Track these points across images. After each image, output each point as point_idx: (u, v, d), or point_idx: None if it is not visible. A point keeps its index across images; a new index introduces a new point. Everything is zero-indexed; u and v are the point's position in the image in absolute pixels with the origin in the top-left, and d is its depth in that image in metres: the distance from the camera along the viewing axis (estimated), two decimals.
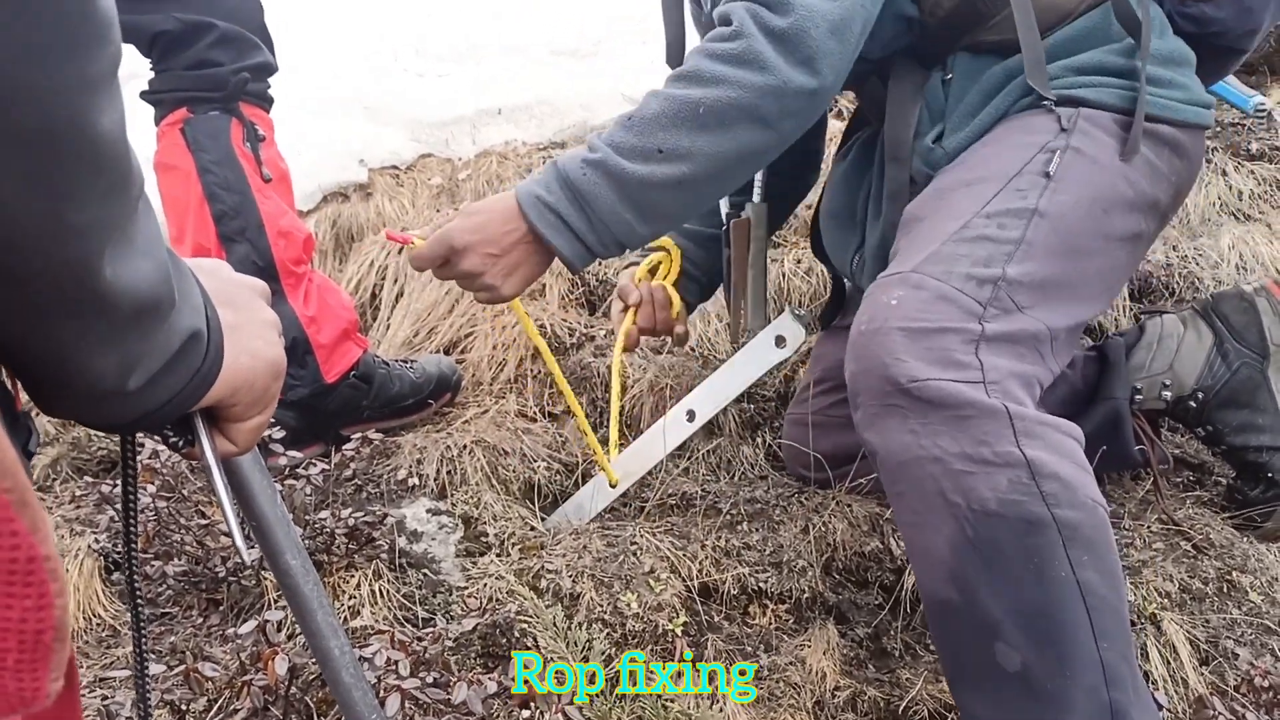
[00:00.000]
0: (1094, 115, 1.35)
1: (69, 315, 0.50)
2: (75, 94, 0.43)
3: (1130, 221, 1.35)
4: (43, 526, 0.36)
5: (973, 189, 1.30)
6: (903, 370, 1.12)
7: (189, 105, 1.78)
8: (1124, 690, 1.06)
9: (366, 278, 2.40)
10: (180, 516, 1.45)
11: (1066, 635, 1.06)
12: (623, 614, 1.48)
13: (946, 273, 1.19)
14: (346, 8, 3.18)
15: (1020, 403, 1.14)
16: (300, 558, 0.84)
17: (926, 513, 1.12)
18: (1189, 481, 1.86)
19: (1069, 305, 1.27)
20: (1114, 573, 1.11)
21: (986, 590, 1.09)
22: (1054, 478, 1.09)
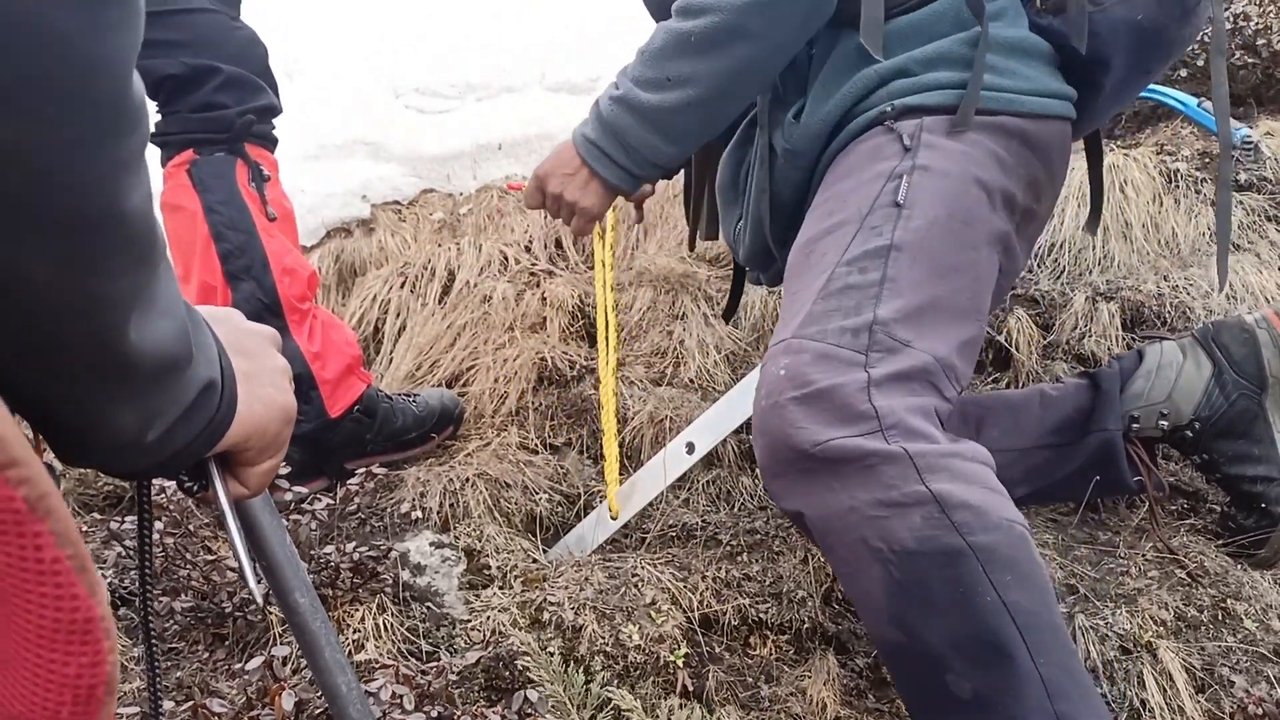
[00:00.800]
0: (935, 123, 1.36)
1: (94, 378, 0.51)
2: (110, 180, 0.45)
3: (994, 222, 1.35)
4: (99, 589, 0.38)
5: (833, 236, 1.33)
6: (804, 437, 1.16)
7: (195, 147, 1.81)
8: (1068, 700, 1.08)
9: (369, 312, 2.43)
10: (187, 552, 1.47)
11: (1004, 656, 1.08)
12: (624, 646, 1.50)
13: (821, 331, 1.22)
14: (348, 48, 3.23)
15: (924, 437, 1.16)
16: (309, 595, 0.86)
17: (856, 562, 1.15)
18: (1184, 509, 1.88)
19: (951, 327, 1.27)
20: (1040, 587, 1.13)
21: (924, 626, 1.12)
22: (963, 506, 1.11)
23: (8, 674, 0.39)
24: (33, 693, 0.39)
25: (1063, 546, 1.75)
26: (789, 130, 1.49)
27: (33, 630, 0.37)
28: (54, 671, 0.38)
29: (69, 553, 0.37)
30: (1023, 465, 1.70)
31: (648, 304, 2.35)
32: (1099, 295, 2.19)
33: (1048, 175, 1.45)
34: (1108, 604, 1.60)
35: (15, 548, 0.36)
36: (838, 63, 1.45)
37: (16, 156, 0.41)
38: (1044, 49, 1.44)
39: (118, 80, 0.45)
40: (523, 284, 2.38)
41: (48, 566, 0.37)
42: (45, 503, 0.37)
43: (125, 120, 0.46)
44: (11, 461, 0.35)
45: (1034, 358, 2.12)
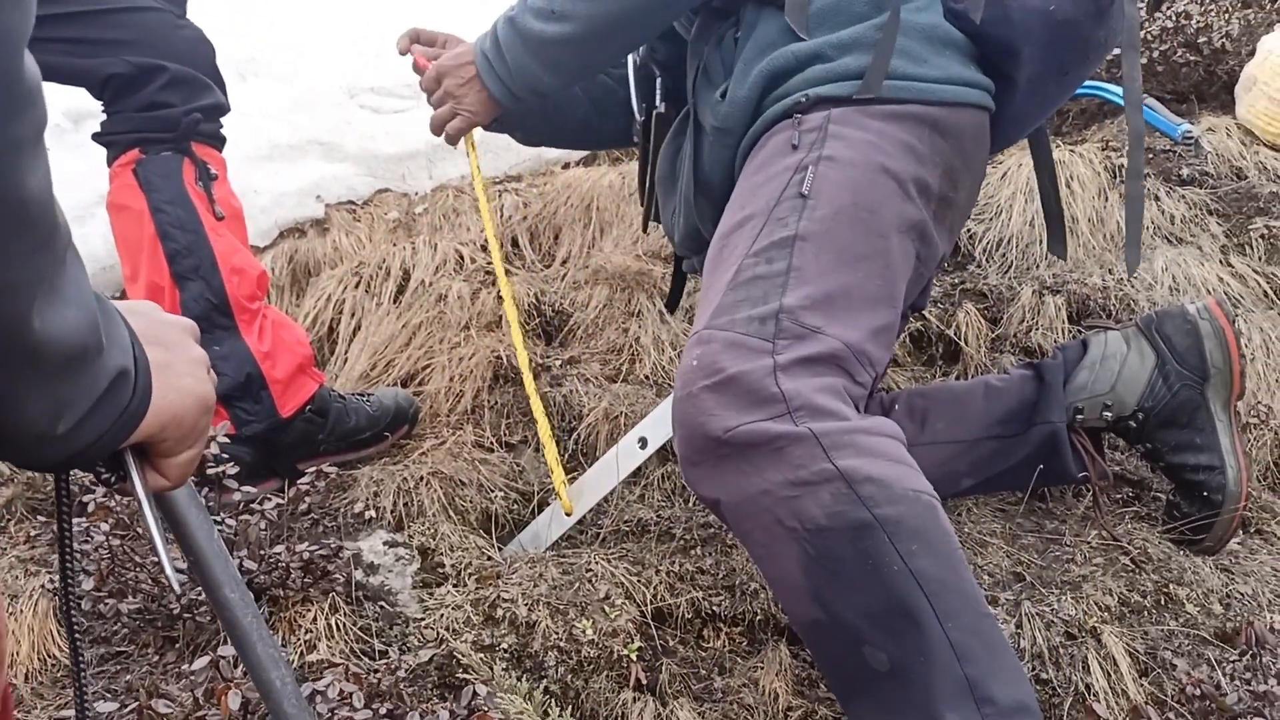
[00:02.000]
0: (844, 114, 1.37)
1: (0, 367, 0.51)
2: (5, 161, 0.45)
3: (906, 210, 1.36)
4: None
5: (743, 230, 1.35)
6: (716, 424, 1.18)
7: (141, 146, 1.79)
8: (976, 664, 1.11)
9: (324, 312, 2.42)
10: (135, 554, 1.45)
11: (914, 623, 1.12)
12: (578, 641, 1.51)
13: (730, 321, 1.25)
14: (302, 48, 3.20)
15: (831, 415, 1.18)
16: (239, 590, 0.85)
17: (772, 543, 1.18)
18: (1128, 497, 1.92)
19: (862, 313, 1.29)
20: (948, 553, 1.16)
21: (840, 601, 1.15)
22: (868, 480, 1.14)
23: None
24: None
25: (1009, 535, 1.78)
26: (717, 108, 1.50)
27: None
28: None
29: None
30: (969, 457, 1.73)
31: (603, 301, 2.36)
32: (1046, 289, 2.22)
33: (964, 163, 1.46)
34: (1053, 590, 1.63)
35: None
36: (760, 42, 1.46)
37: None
38: (957, 38, 1.44)
39: (7, 57, 0.44)
40: (478, 283, 2.38)
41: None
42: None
43: (17, 98, 0.45)
44: None
45: (982, 351, 2.15)
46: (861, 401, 1.29)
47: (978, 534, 1.76)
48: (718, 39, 1.56)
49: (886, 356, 1.36)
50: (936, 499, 1.20)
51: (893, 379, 2.10)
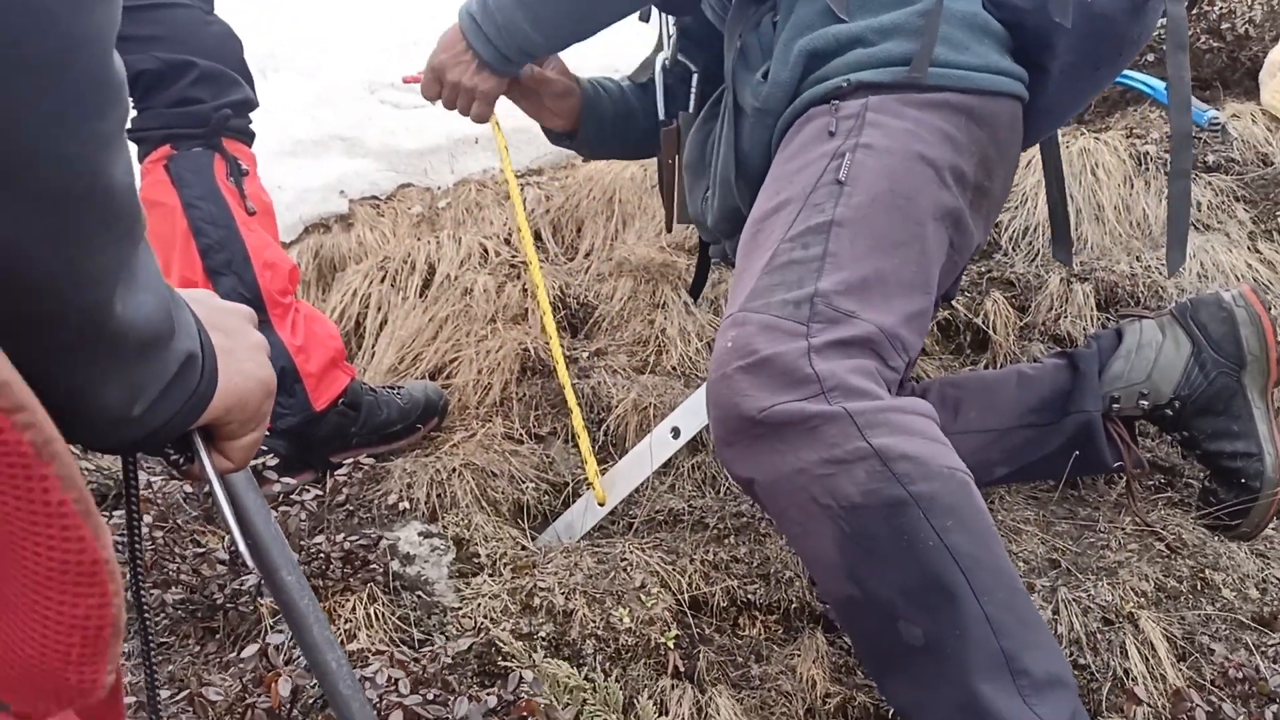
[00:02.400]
0: (883, 102, 1.37)
1: (84, 352, 0.52)
2: (93, 153, 0.46)
3: (942, 198, 1.36)
4: (104, 533, 0.39)
5: (779, 215, 1.35)
6: (751, 404, 1.19)
7: (172, 142, 1.81)
8: (1012, 638, 1.12)
9: (350, 306, 2.43)
10: (176, 546, 1.47)
11: (950, 598, 1.13)
12: (615, 629, 1.51)
13: (765, 304, 1.25)
14: (323, 44, 3.22)
15: (864, 395, 1.19)
16: (295, 574, 0.86)
17: (807, 522, 1.19)
18: (1161, 484, 1.91)
19: (898, 299, 1.29)
20: (982, 530, 1.17)
21: (874, 578, 1.16)
22: (903, 458, 1.15)
23: (18, 618, 0.40)
24: (44, 635, 0.39)
25: (1044, 522, 1.78)
26: (758, 89, 1.50)
27: (41, 573, 0.38)
28: (63, 613, 0.39)
29: (74, 496, 0.38)
30: (1002, 446, 1.72)
31: (628, 293, 2.36)
32: (1073, 277, 2.22)
33: (998, 153, 1.46)
34: (1089, 576, 1.62)
35: (24, 491, 0.36)
36: (800, 23, 1.46)
37: (4, 130, 0.42)
38: (995, 27, 1.45)
39: (98, 55, 0.45)
40: (503, 276, 2.39)
41: (55, 509, 0.37)
42: (51, 447, 0.37)
43: (106, 95, 0.47)
44: (18, 406, 0.36)
45: (1011, 339, 2.15)
46: (894, 386, 1.29)
47: (1011, 521, 1.76)
48: (755, 23, 1.56)
49: (919, 342, 1.36)
50: (970, 476, 1.20)
51: (921, 368, 2.10)
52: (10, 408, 0.36)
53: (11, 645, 0.40)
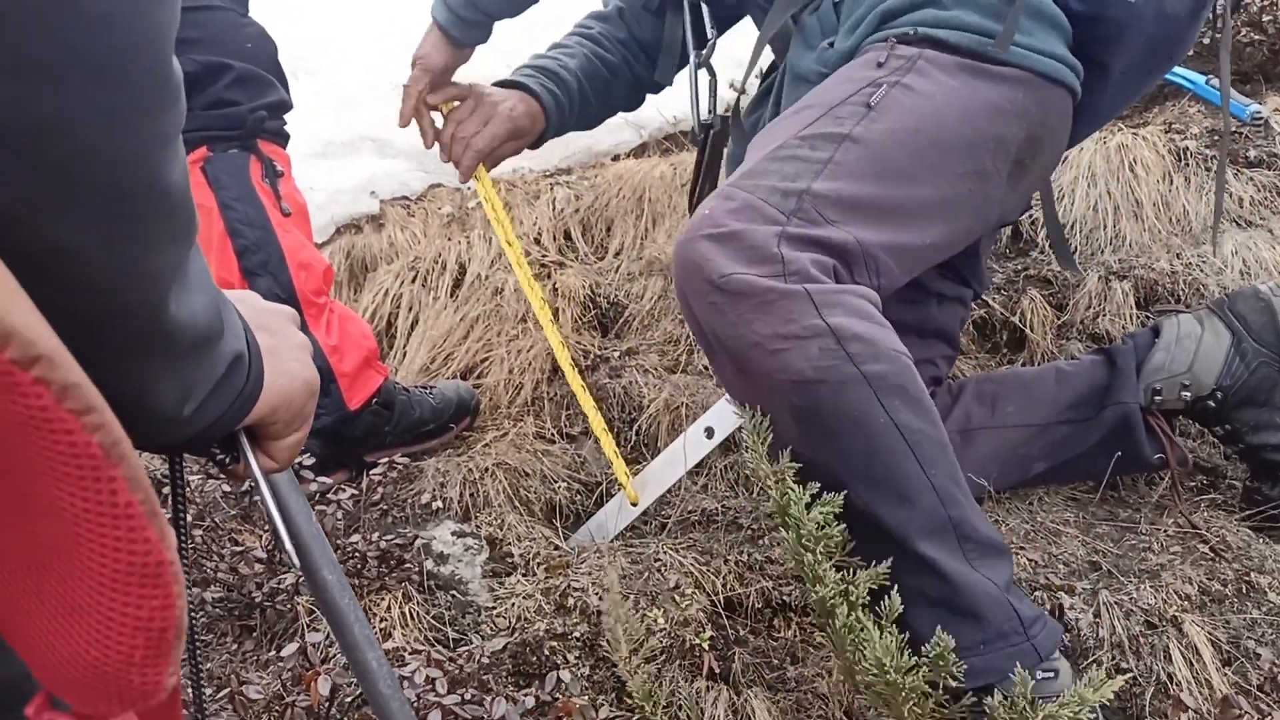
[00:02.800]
0: (939, 58, 1.40)
1: (137, 352, 0.53)
2: (152, 152, 0.46)
3: (967, 159, 1.39)
4: (168, 534, 0.39)
5: (799, 115, 1.38)
6: (712, 268, 1.22)
7: (208, 144, 1.82)
8: (959, 507, 1.20)
9: (382, 306, 2.44)
10: (213, 545, 1.48)
11: (896, 471, 1.19)
12: (650, 630, 1.50)
13: (755, 185, 1.28)
14: (352, 45, 3.23)
15: (819, 281, 1.22)
16: (336, 573, 0.86)
17: (765, 393, 1.23)
18: (1203, 485, 1.88)
19: (889, 226, 1.32)
20: (927, 410, 1.23)
21: (825, 451, 1.21)
22: (856, 338, 1.19)
23: (83, 620, 0.40)
24: (107, 637, 0.39)
25: (1084, 524, 1.75)
26: (824, 55, 1.52)
27: (107, 575, 0.38)
28: (128, 615, 0.39)
29: (140, 498, 0.38)
30: (1040, 441, 1.71)
31: (659, 292, 2.36)
32: (1112, 274, 2.18)
33: (1047, 135, 1.48)
34: (1131, 579, 1.60)
35: (92, 492, 0.36)
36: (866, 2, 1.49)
37: (62, 129, 0.42)
38: (1061, 20, 1.47)
39: (158, 55, 0.46)
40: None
41: (121, 511, 0.37)
42: (119, 449, 0.37)
43: (166, 95, 0.47)
44: (88, 408, 0.36)
45: (1049, 338, 2.12)
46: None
47: (1051, 523, 1.74)
48: (814, 7, 1.58)
49: (900, 276, 1.38)
50: (911, 359, 1.25)
51: (958, 368, 2.07)
52: (80, 409, 0.36)
53: (77, 648, 0.40)
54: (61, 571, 0.39)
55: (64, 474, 0.36)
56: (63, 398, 0.35)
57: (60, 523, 0.38)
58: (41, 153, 0.42)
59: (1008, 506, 1.78)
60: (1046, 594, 1.55)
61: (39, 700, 0.44)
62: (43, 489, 0.37)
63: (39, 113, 0.40)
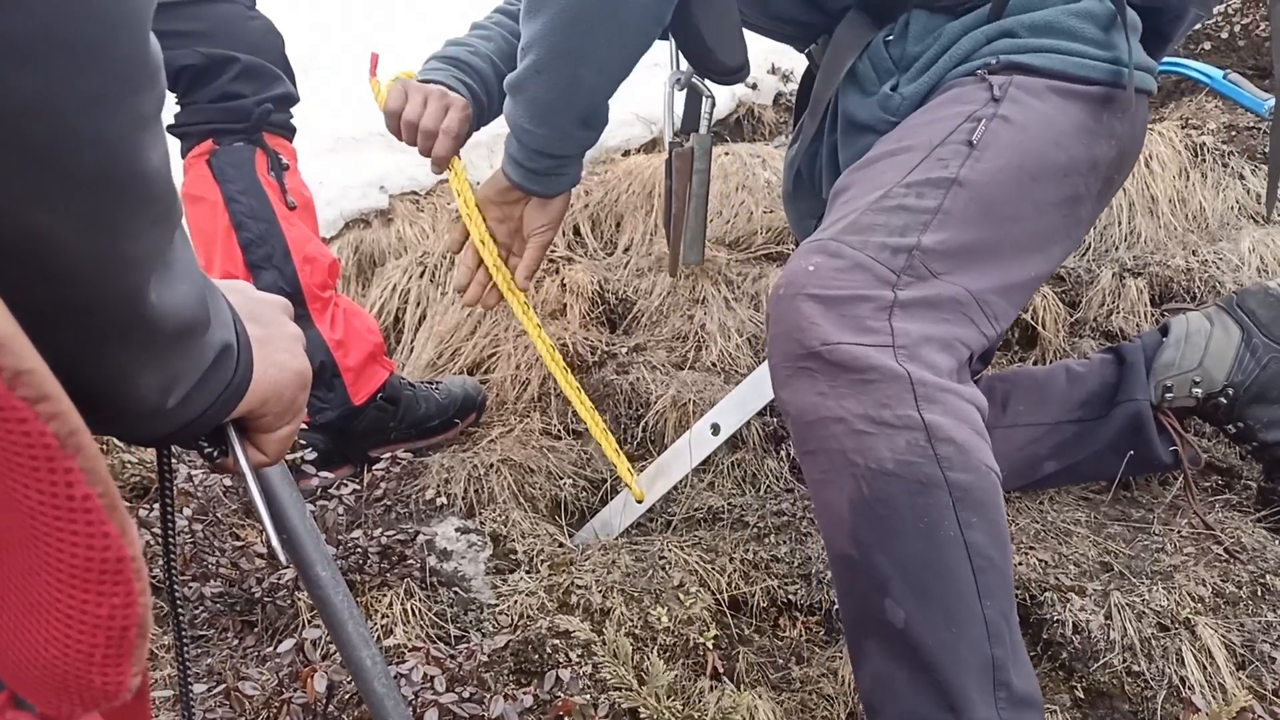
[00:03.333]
0: (1028, 83, 1.35)
1: (118, 341, 0.51)
2: (131, 135, 0.45)
3: (1064, 186, 1.35)
4: (130, 529, 0.37)
5: (897, 158, 1.32)
6: (815, 334, 1.15)
7: (214, 137, 1.81)
8: (1004, 647, 1.10)
9: (390, 302, 2.43)
10: (214, 539, 1.47)
11: (951, 591, 1.10)
12: (653, 628, 1.49)
13: (863, 242, 1.21)
14: (362, 40, 3.23)
15: (931, 367, 1.16)
16: (330, 569, 0.85)
17: (831, 471, 1.16)
18: (1218, 485, 1.85)
19: (994, 269, 1.28)
20: (1001, 536, 1.14)
21: (879, 547, 1.13)
22: (949, 441, 1.12)
23: (40, 619, 0.38)
24: (66, 635, 0.38)
25: (1096, 524, 1.73)
26: (887, 101, 1.46)
27: (65, 571, 0.37)
28: (86, 613, 0.37)
29: (99, 490, 0.36)
30: (1051, 440, 1.69)
31: (668, 289, 2.34)
32: (1126, 271, 2.16)
33: (1133, 148, 1.45)
34: (1143, 581, 1.57)
35: (46, 484, 0.35)
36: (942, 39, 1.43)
37: (39, 110, 0.41)
38: (1133, 19, 1.42)
39: (136, 36, 0.45)
40: (542, 271, 2.37)
41: (79, 504, 0.36)
42: (75, 439, 0.36)
43: (144, 76, 0.46)
44: (42, 395, 0.35)
45: (1061, 335, 2.09)
46: (980, 354, 1.28)
47: (1062, 523, 1.71)
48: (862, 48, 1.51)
49: (1013, 314, 1.34)
50: (1000, 479, 1.18)
51: None
52: (34, 397, 0.35)
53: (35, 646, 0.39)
54: (18, 567, 0.38)
55: (17, 465, 0.35)
56: (15, 384, 0.34)
57: (15, 516, 0.37)
58: (18, 136, 0.41)
59: (1018, 506, 1.76)
60: (1056, 594, 1.53)
61: (2, 699, 0.43)
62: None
63: (18, 96, 0.40)
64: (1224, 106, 2.55)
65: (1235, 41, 2.75)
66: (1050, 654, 1.51)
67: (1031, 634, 1.54)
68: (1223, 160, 2.38)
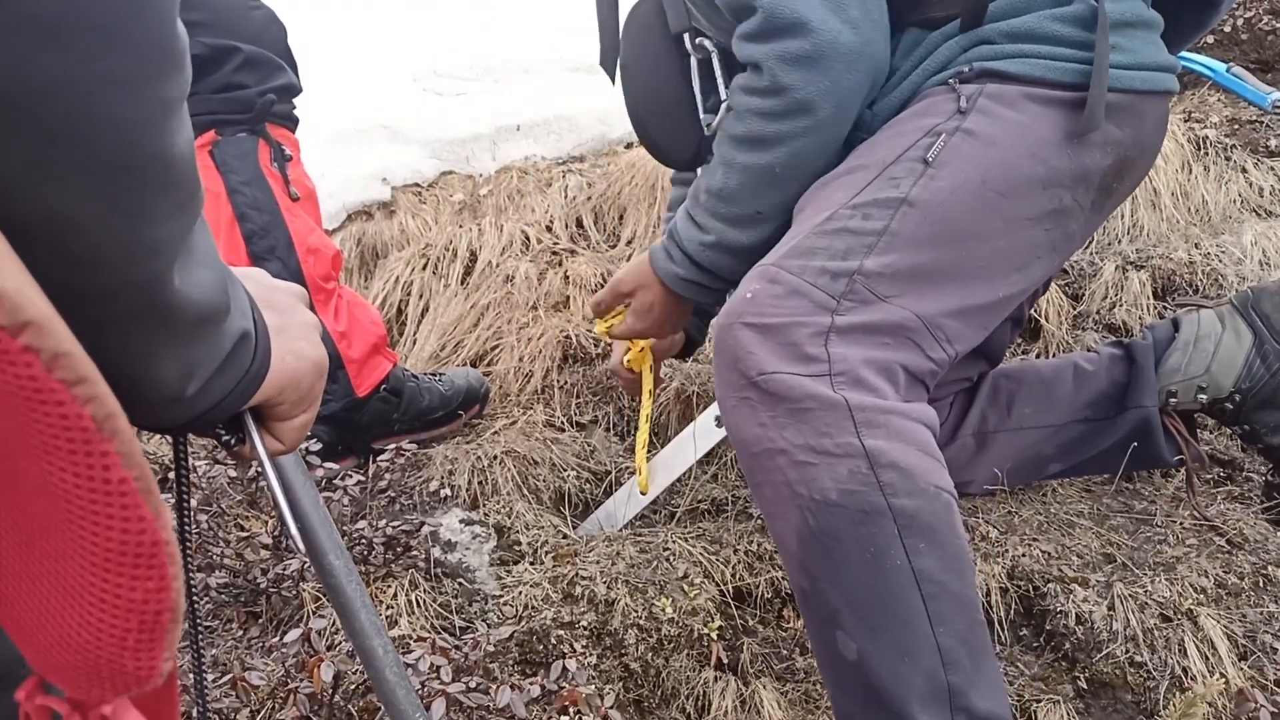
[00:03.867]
0: (1001, 91, 1.27)
1: (139, 328, 0.51)
2: (155, 119, 0.45)
3: (1042, 199, 1.27)
4: (164, 513, 0.37)
5: (851, 176, 1.28)
6: (753, 363, 1.14)
7: (217, 128, 1.81)
8: (961, 672, 1.08)
9: (392, 294, 2.43)
10: (220, 530, 1.47)
11: (901, 621, 1.07)
12: (658, 619, 1.49)
13: (802, 266, 1.19)
14: (365, 33, 3.22)
15: (873, 391, 1.13)
16: (343, 558, 0.85)
17: (777, 503, 1.14)
18: (1220, 477, 1.86)
19: (951, 291, 1.22)
20: (956, 557, 1.11)
21: (826, 580, 1.11)
22: (892, 467, 1.09)
23: (72, 602, 0.38)
24: (99, 619, 0.38)
25: (1098, 515, 1.73)
26: (866, 120, 1.39)
27: (99, 554, 0.37)
28: (120, 596, 0.37)
29: (135, 474, 0.36)
30: (1057, 440, 1.67)
31: None
32: (1129, 264, 2.16)
33: (1139, 153, 1.36)
34: (1146, 572, 1.58)
35: (83, 467, 0.35)
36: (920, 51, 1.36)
37: (64, 91, 0.41)
38: (1152, 20, 1.34)
39: (162, 18, 0.44)
40: (545, 263, 2.37)
41: (115, 487, 0.36)
42: (112, 422, 0.36)
43: (170, 59, 0.45)
44: (80, 378, 0.35)
45: (1064, 328, 2.10)
46: (931, 379, 1.23)
47: (1065, 514, 1.72)
48: None
49: (975, 337, 1.30)
50: (955, 498, 1.15)
51: None
52: (72, 379, 0.34)
53: (67, 630, 0.39)
54: (51, 551, 0.38)
55: (54, 448, 0.35)
56: (53, 366, 0.34)
57: (50, 499, 0.37)
58: (44, 118, 0.40)
59: (1021, 498, 1.76)
60: (1060, 585, 1.53)
61: (30, 684, 0.43)
62: (31, 464, 0.36)
63: (43, 76, 0.39)
64: (1227, 100, 2.55)
65: (1238, 35, 2.75)
66: (1053, 645, 1.52)
67: (1035, 625, 1.54)
68: (1225, 154, 2.38)
